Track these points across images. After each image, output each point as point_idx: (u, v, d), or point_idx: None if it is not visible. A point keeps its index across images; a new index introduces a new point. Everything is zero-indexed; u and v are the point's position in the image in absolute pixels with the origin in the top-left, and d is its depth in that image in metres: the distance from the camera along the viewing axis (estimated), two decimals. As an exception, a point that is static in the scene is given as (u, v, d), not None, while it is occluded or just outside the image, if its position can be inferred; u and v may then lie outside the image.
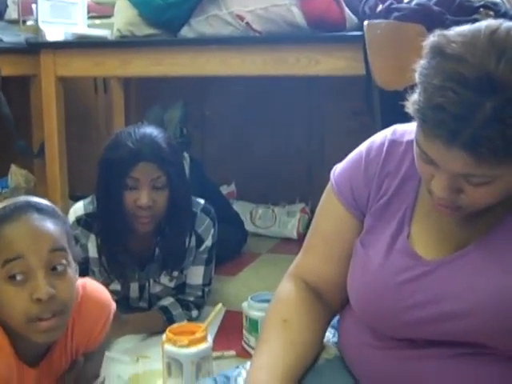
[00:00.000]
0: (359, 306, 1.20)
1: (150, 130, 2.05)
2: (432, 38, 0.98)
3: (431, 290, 1.10)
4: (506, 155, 0.92)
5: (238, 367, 1.35)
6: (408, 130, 1.18)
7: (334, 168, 1.29)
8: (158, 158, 1.98)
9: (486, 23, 0.97)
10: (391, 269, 1.14)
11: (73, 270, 1.25)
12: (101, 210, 2.07)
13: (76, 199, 2.33)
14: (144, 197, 1.96)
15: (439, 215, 1.12)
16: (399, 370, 1.13)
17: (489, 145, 0.91)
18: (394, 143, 1.20)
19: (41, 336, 1.21)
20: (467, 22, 1.02)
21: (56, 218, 1.24)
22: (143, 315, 2.15)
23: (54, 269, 1.20)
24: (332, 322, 1.38)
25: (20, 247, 1.17)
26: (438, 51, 0.96)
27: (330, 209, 1.27)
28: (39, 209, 1.23)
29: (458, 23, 1.01)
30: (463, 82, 0.91)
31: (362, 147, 1.25)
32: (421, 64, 0.99)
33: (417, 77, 0.99)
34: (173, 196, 2.02)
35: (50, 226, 1.21)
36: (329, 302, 1.28)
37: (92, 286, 1.30)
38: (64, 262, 1.22)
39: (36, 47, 2.93)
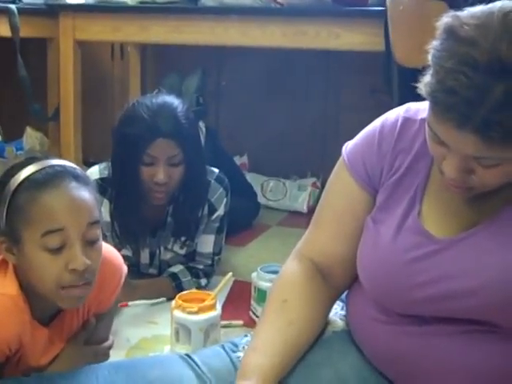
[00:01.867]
0: (368, 282, 1.21)
1: (168, 101, 2.01)
2: (445, 19, 0.98)
3: (441, 268, 1.10)
4: None
5: (246, 335, 1.37)
6: (421, 108, 1.18)
7: (346, 144, 1.28)
8: (176, 135, 1.94)
9: (499, 4, 0.96)
10: (401, 246, 1.15)
11: (101, 238, 1.26)
12: (116, 179, 2.06)
13: (89, 164, 2.33)
14: (160, 174, 1.95)
15: (450, 194, 1.12)
16: (406, 345, 1.14)
17: (499, 129, 0.92)
18: (407, 121, 1.20)
19: (67, 303, 1.23)
20: (490, 1, 1.01)
21: (90, 186, 1.24)
22: (153, 281, 2.16)
23: (88, 240, 1.21)
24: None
25: (61, 220, 1.17)
26: (451, 33, 0.96)
27: (342, 184, 1.26)
28: (75, 176, 1.22)
29: (482, 2, 1.00)
30: (475, 66, 0.91)
31: (376, 124, 1.24)
32: (434, 45, 0.99)
33: (429, 58, 0.99)
34: (188, 170, 2.01)
35: (87, 197, 1.21)
36: (334, 283, 1.27)
37: (105, 248, 1.31)
38: (98, 233, 1.23)
39: (55, 9, 2.93)
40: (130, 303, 2.01)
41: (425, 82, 0.99)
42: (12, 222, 1.19)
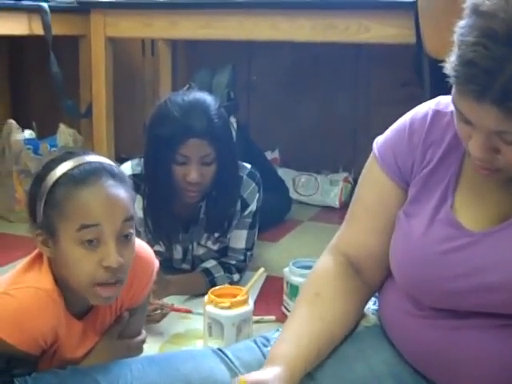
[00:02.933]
0: (400, 275, 1.20)
1: (200, 99, 2.00)
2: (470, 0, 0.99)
3: (474, 261, 1.10)
4: None
5: (278, 330, 1.37)
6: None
7: (377, 139, 1.28)
8: (208, 134, 1.94)
9: None
10: (434, 238, 1.14)
11: (134, 235, 1.28)
12: (148, 176, 2.07)
13: (121, 161, 2.34)
14: (193, 173, 1.95)
15: (483, 185, 1.12)
16: (438, 339, 1.13)
17: None
18: (438, 113, 1.20)
19: (99, 300, 1.24)
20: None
21: (126, 183, 1.25)
22: (186, 276, 2.17)
23: (123, 237, 1.22)
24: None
25: (98, 215, 1.18)
26: (473, 10, 0.97)
27: (374, 179, 1.26)
28: (112, 174, 1.23)
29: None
30: (494, 37, 0.92)
31: (406, 117, 1.24)
32: (459, 24, 1.00)
33: (455, 37, 1.00)
34: (221, 168, 2.01)
35: (123, 194, 1.22)
36: (367, 279, 1.27)
37: (136, 244, 1.32)
38: (132, 230, 1.24)
39: (86, 7, 2.96)
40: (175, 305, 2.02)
41: (450, 61, 1.00)
42: (48, 216, 1.21)
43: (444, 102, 1.20)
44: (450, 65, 0.99)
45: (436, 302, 1.14)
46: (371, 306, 1.35)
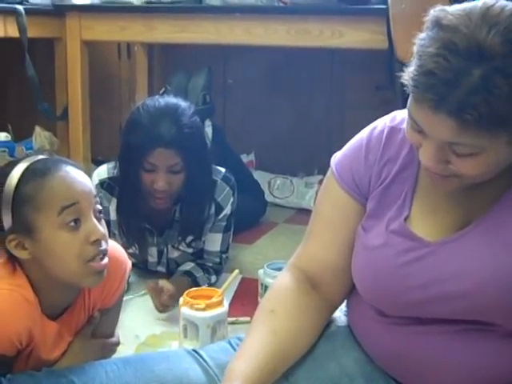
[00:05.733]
0: (362, 287, 1.22)
1: (172, 107, 2.00)
2: (433, 12, 1.01)
3: (432, 271, 1.11)
4: (489, 125, 0.95)
5: (252, 331, 1.38)
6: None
7: (335, 155, 1.29)
8: (177, 144, 1.95)
9: (485, 0, 1.00)
10: (392, 251, 1.16)
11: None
12: (120, 181, 2.09)
13: (98, 163, 2.35)
14: (161, 181, 1.96)
15: (438, 197, 1.14)
16: (406, 344, 1.15)
17: (473, 111, 0.94)
18: (393, 130, 1.21)
19: (93, 278, 1.26)
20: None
21: (82, 170, 1.30)
22: (173, 280, 2.10)
23: (97, 213, 1.27)
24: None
25: (74, 193, 1.22)
26: (435, 23, 0.99)
27: (332, 195, 1.27)
28: (69, 162, 1.28)
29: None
30: (455, 50, 0.94)
31: (363, 134, 1.26)
32: (420, 36, 1.02)
33: (414, 48, 1.02)
34: (192, 175, 2.02)
35: (86, 176, 1.28)
36: (327, 294, 1.27)
37: (110, 244, 1.33)
38: (101, 209, 1.29)
39: (62, 10, 2.96)
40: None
41: (408, 71, 1.01)
42: (21, 215, 1.21)
43: (399, 117, 1.22)
44: (408, 74, 1.00)
45: (399, 311, 1.16)
46: (343, 307, 1.36)
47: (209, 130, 2.85)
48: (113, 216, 2.13)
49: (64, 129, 3.21)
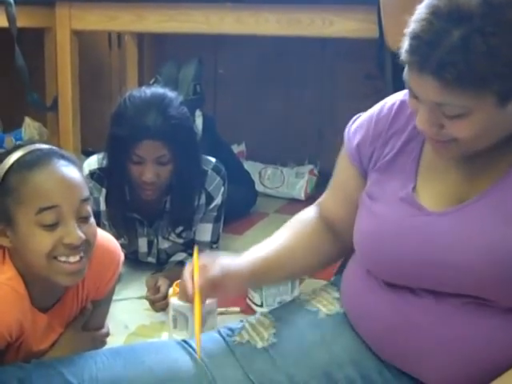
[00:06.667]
0: (361, 249, 1.27)
1: (159, 98, 1.98)
2: None
3: (432, 240, 1.14)
4: (470, 84, 1.00)
5: (242, 321, 1.39)
6: None
7: (353, 119, 1.38)
8: (164, 136, 1.93)
9: None
10: (395, 217, 1.20)
11: (92, 216, 1.29)
12: (110, 172, 2.08)
13: (88, 154, 2.34)
14: (148, 173, 1.95)
15: (443, 168, 1.18)
16: (402, 317, 1.17)
17: (453, 70, 0.99)
18: (403, 104, 1.25)
19: (66, 278, 1.25)
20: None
21: (77, 165, 1.27)
22: (168, 271, 2.14)
23: (82, 217, 1.24)
24: (333, 280, 1.43)
25: (55, 197, 1.20)
26: None
27: (342, 160, 1.38)
28: (63, 156, 1.25)
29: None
30: (438, 13, 1.01)
31: (376, 107, 1.32)
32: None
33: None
34: (181, 165, 2.01)
35: (77, 174, 1.25)
36: (340, 236, 1.40)
37: (102, 235, 1.33)
38: (89, 210, 1.26)
39: (52, -1, 2.92)
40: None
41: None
42: (4, 204, 1.21)
43: None
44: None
45: (394, 278, 1.19)
46: (334, 294, 1.39)
47: (199, 120, 2.84)
48: (103, 206, 2.12)
49: (54, 119, 3.19)
